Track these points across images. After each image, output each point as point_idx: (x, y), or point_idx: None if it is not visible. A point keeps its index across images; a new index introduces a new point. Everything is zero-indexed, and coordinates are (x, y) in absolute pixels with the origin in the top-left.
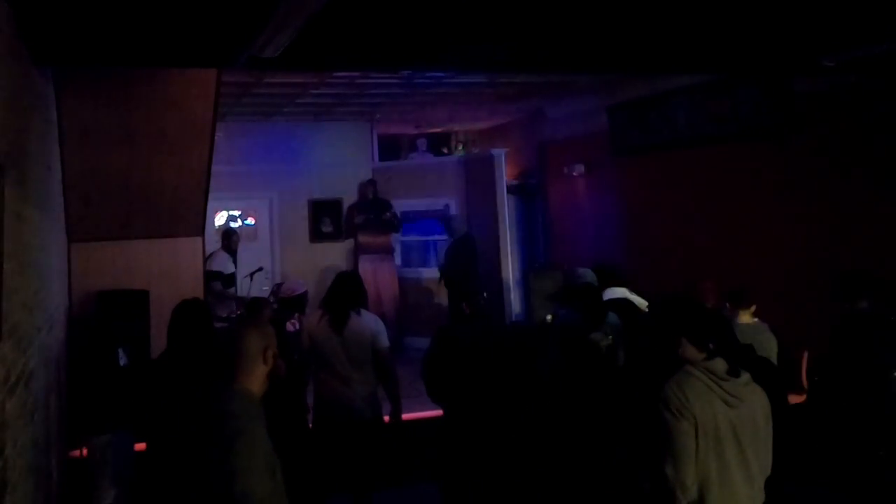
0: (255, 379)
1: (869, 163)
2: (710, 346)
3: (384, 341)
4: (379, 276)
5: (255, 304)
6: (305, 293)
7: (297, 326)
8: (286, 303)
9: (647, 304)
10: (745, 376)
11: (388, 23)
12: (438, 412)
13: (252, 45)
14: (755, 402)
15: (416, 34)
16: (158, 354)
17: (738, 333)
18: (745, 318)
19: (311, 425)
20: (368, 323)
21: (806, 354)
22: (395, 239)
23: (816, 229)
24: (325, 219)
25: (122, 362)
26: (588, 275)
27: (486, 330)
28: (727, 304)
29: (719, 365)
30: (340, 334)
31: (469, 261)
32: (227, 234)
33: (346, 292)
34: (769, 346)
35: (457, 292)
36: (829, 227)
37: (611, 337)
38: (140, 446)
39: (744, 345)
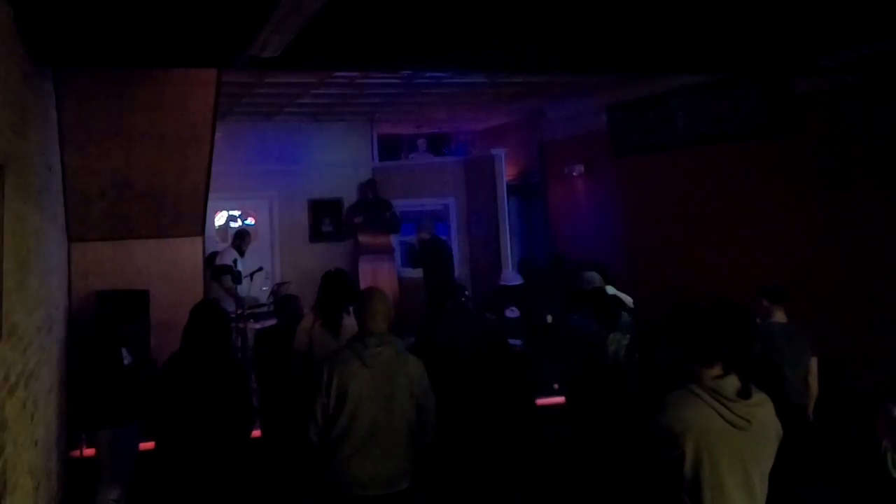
0: None
1: (869, 163)
2: (724, 352)
3: None
4: (379, 276)
5: (288, 299)
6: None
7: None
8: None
9: (631, 300)
10: (757, 396)
11: (388, 23)
12: None
13: (252, 45)
14: (767, 423)
15: (416, 34)
16: (171, 354)
17: (772, 331)
18: (780, 316)
19: None
20: None
21: None
22: (395, 239)
23: (816, 229)
24: (325, 219)
25: (125, 361)
26: (596, 278)
27: (454, 329)
28: (763, 301)
29: (729, 386)
30: (336, 336)
31: (440, 264)
32: (241, 234)
33: (335, 294)
34: (802, 349)
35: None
36: (829, 227)
37: (628, 335)
38: (146, 445)
39: (757, 355)
